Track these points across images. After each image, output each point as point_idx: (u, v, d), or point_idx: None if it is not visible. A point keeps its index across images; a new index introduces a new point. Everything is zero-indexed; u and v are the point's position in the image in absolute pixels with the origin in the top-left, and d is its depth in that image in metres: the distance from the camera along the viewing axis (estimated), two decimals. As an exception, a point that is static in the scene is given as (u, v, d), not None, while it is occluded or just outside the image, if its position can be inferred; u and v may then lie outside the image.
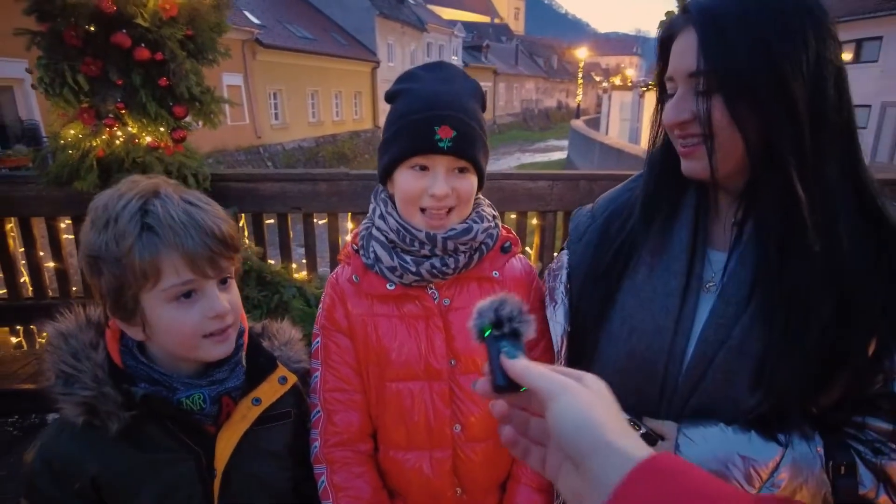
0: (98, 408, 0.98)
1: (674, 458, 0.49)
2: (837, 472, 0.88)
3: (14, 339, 3.74)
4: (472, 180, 1.16)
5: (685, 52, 0.88)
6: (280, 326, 1.29)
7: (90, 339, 1.05)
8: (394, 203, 1.19)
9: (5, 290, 3.59)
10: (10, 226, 3.49)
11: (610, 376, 0.99)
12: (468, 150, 1.11)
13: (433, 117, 1.08)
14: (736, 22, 0.83)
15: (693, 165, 0.92)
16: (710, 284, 0.97)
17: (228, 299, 1.03)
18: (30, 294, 3.60)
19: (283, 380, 1.16)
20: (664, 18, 2.59)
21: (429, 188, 1.11)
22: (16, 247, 3.53)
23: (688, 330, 0.96)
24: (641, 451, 0.49)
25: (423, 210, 1.14)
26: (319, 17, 31.13)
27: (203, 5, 2.92)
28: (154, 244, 0.93)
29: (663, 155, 1.01)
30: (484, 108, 1.19)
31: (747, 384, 0.89)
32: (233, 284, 1.06)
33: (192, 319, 0.99)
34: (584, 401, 0.54)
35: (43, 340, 3.81)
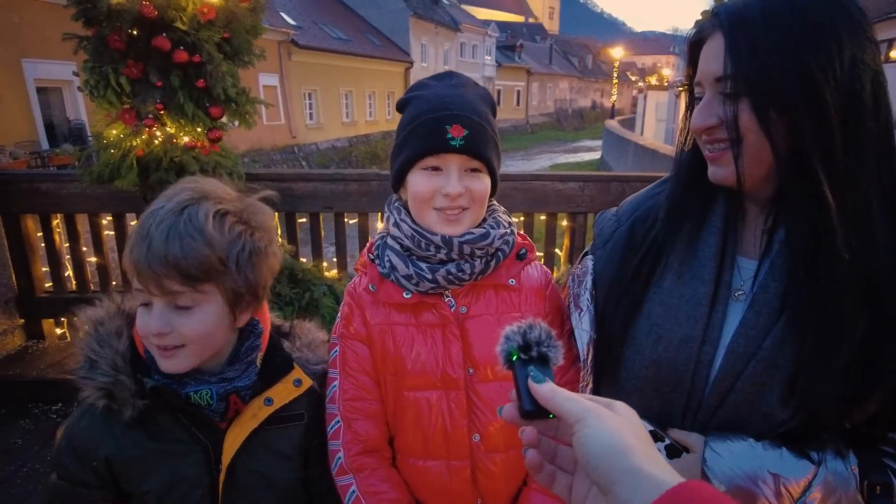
0: (115, 394, 1.03)
1: (704, 485, 0.48)
2: (873, 491, 0.85)
3: (59, 331, 3.90)
4: (486, 181, 1.15)
5: (713, 56, 0.86)
6: (307, 327, 1.30)
7: (116, 328, 1.09)
8: (407, 210, 1.19)
9: (51, 284, 3.75)
10: (56, 222, 3.64)
11: (635, 385, 1.01)
12: (480, 149, 1.10)
13: (444, 117, 1.08)
14: (763, 24, 0.81)
15: (720, 171, 0.90)
16: (740, 293, 0.94)
17: (178, 323, 1.00)
18: (73, 288, 3.74)
19: (299, 382, 1.17)
20: (700, 17, 2.54)
21: (442, 188, 1.10)
22: (61, 242, 3.68)
23: (716, 340, 0.93)
24: (671, 478, 0.48)
25: (436, 210, 1.13)
26: (354, 18, 31.48)
27: (239, 8, 2.98)
28: (128, 247, 1.00)
29: (691, 160, 1.00)
30: (495, 114, 1.18)
31: (778, 397, 0.87)
32: (195, 311, 1.01)
33: (141, 325, 1.02)
34: (613, 426, 0.53)
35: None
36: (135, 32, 2.81)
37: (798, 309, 0.86)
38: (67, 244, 3.65)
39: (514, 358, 0.65)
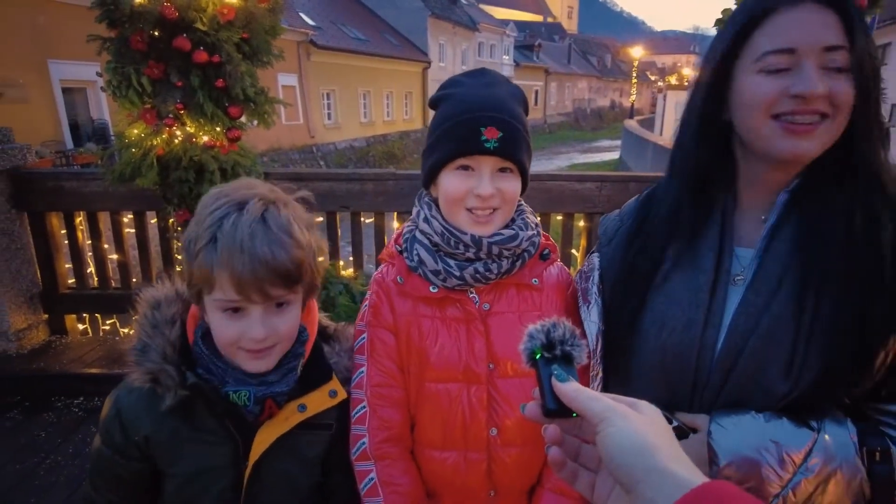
0: (160, 380, 1.07)
1: (727, 485, 0.48)
2: (872, 457, 0.88)
3: (81, 326, 3.98)
4: (516, 182, 1.16)
5: (818, 25, 0.87)
6: (350, 333, 1.32)
7: (171, 314, 1.13)
8: (437, 207, 1.20)
9: (74, 280, 3.83)
10: (80, 219, 3.71)
11: (644, 372, 1.03)
12: (513, 150, 1.11)
13: (479, 118, 1.09)
14: (855, 4, 0.87)
15: (805, 145, 0.90)
16: (739, 278, 0.98)
17: (277, 324, 1.05)
18: (95, 284, 3.81)
19: (334, 393, 1.19)
20: (721, 16, 2.51)
21: (474, 188, 1.12)
22: (84, 239, 3.75)
23: (717, 323, 0.97)
24: (696, 477, 0.48)
25: (467, 210, 1.15)
26: (372, 18, 31.62)
27: (258, 9, 3.01)
28: (212, 258, 0.98)
29: (694, 159, 1.02)
30: (527, 112, 1.19)
31: (778, 371, 0.90)
32: (289, 309, 1.07)
33: (231, 333, 1.04)
34: (638, 426, 0.53)
35: (106, 328, 4.04)
36: (156, 33, 2.86)
37: (796, 285, 0.91)
38: (89, 241, 3.73)
39: (538, 356, 0.65)
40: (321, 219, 3.63)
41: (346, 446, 1.23)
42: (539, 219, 1.29)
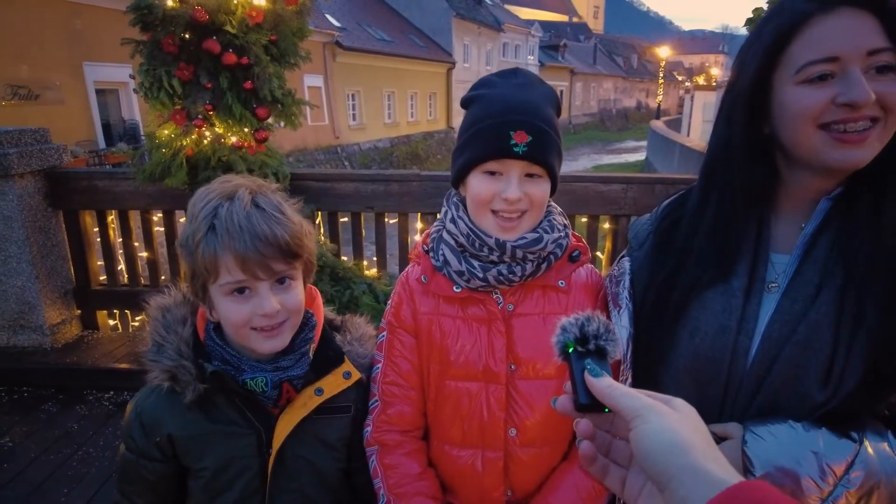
0: (178, 377, 1.10)
1: (763, 484, 0.47)
2: None
3: (111, 322, 4.08)
4: (545, 186, 1.15)
5: (859, 30, 0.84)
6: (358, 322, 1.35)
7: (181, 315, 1.17)
8: (465, 207, 1.20)
9: (105, 277, 3.92)
10: (111, 218, 3.81)
11: (675, 378, 1.02)
12: (543, 155, 1.10)
13: (509, 122, 1.08)
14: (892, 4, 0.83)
15: (859, 154, 0.86)
16: (773, 285, 0.96)
17: (284, 299, 1.09)
18: (125, 281, 3.91)
19: (348, 375, 1.22)
20: (752, 16, 2.46)
21: (501, 192, 1.11)
22: (115, 237, 3.84)
23: (751, 330, 0.95)
24: (731, 477, 0.47)
25: (494, 213, 1.14)
26: (397, 19, 31.76)
27: (286, 12, 3.06)
28: (213, 245, 1.03)
29: (747, 177, 0.97)
30: (559, 113, 1.18)
31: (815, 380, 0.88)
32: (293, 285, 1.12)
33: (243, 313, 1.07)
34: (672, 423, 0.52)
35: (136, 324, 4.14)
36: (187, 36, 2.92)
37: (836, 293, 0.88)
38: (120, 239, 3.82)
39: (571, 350, 0.65)
40: (346, 219, 3.66)
41: None
42: (567, 220, 1.28)
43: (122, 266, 3.91)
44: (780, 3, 0.93)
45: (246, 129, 3.12)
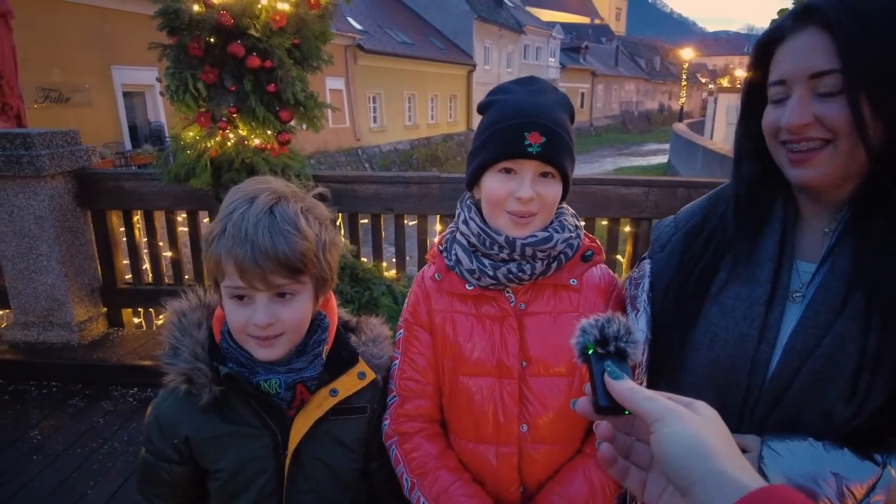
0: (194, 379, 1.12)
1: (786, 489, 0.47)
2: None
3: (136, 320, 4.16)
4: (557, 188, 1.17)
5: (806, 52, 0.85)
6: (373, 323, 1.36)
7: (197, 319, 1.19)
8: (478, 209, 1.24)
9: (131, 276, 4.01)
10: (137, 218, 3.89)
11: (693, 384, 1.01)
12: (556, 156, 1.13)
13: (523, 124, 1.11)
14: (880, 17, 0.80)
15: (807, 173, 0.88)
16: (797, 294, 0.94)
17: (282, 313, 1.08)
18: (150, 280, 3.99)
19: (363, 375, 1.22)
20: (776, 17, 2.42)
21: (515, 191, 1.14)
22: (140, 237, 3.92)
23: (773, 339, 0.93)
24: (753, 482, 0.47)
25: (508, 213, 1.17)
26: (419, 22, 31.89)
27: (309, 15, 3.09)
28: (220, 247, 1.04)
29: (753, 168, 1.00)
30: (573, 119, 1.21)
31: (839, 395, 0.85)
32: (294, 300, 1.10)
33: (240, 319, 1.08)
34: (694, 427, 0.52)
35: (160, 322, 4.21)
36: (212, 40, 2.97)
37: (863, 307, 0.85)
38: (145, 239, 3.90)
39: (590, 352, 0.64)
40: (366, 220, 3.69)
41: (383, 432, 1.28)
42: (583, 222, 1.28)
43: (146, 265, 3.99)
44: (774, 19, 0.94)
45: (269, 132, 3.16)
